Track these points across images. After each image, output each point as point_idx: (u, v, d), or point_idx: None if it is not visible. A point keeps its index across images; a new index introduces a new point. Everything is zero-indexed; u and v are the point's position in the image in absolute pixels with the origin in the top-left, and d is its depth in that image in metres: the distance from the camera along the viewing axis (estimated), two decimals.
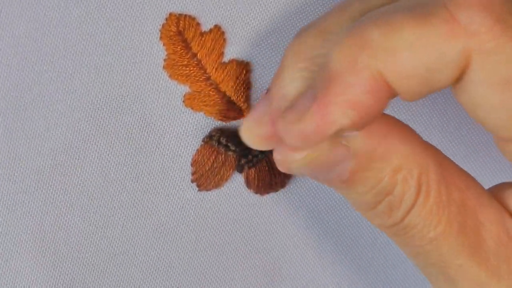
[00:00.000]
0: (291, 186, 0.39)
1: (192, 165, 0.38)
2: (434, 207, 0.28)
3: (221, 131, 0.37)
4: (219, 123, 0.37)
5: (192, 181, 0.38)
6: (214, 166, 0.37)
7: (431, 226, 0.28)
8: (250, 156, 0.37)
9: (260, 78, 0.37)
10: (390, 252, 0.40)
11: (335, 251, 0.39)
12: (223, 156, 0.37)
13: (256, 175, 0.38)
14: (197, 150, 0.37)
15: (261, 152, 0.38)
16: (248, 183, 0.38)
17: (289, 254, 0.39)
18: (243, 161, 0.38)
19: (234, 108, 0.37)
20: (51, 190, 0.37)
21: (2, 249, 0.38)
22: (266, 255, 0.39)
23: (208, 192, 0.38)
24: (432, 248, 0.29)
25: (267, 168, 0.38)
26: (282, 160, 0.29)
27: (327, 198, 0.39)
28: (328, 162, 0.28)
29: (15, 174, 0.37)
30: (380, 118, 0.28)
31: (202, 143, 0.37)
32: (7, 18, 0.35)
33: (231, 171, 0.38)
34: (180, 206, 0.38)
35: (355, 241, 0.39)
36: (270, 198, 0.39)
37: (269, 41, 0.37)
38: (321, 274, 0.40)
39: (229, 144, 0.37)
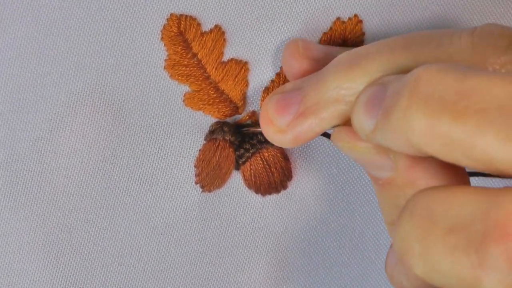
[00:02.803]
0: (293, 188, 0.39)
1: (196, 166, 0.38)
2: None
3: (221, 123, 0.38)
4: (216, 120, 0.38)
5: (196, 183, 0.38)
6: (219, 162, 0.38)
7: None
8: (241, 150, 0.38)
9: (256, 77, 0.38)
10: None
11: (338, 252, 0.40)
12: (225, 150, 0.38)
13: (251, 171, 0.39)
14: (200, 150, 0.38)
15: (252, 146, 0.38)
16: (246, 181, 0.39)
17: (293, 255, 0.40)
18: (236, 155, 0.38)
19: (231, 106, 0.38)
20: (54, 192, 0.37)
21: (5, 251, 0.37)
22: (270, 256, 0.40)
23: (211, 193, 0.39)
24: None
25: (262, 164, 0.39)
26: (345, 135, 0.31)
27: (330, 200, 0.40)
28: (373, 160, 0.30)
29: (18, 176, 0.37)
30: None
31: (205, 142, 0.38)
32: (9, 20, 0.35)
33: (232, 166, 0.38)
34: (184, 207, 0.38)
35: (358, 243, 0.40)
36: (273, 200, 0.39)
37: (266, 40, 0.37)
38: (324, 275, 0.40)
39: (231, 129, 0.38)
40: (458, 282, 0.24)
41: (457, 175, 0.30)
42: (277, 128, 0.33)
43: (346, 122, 0.32)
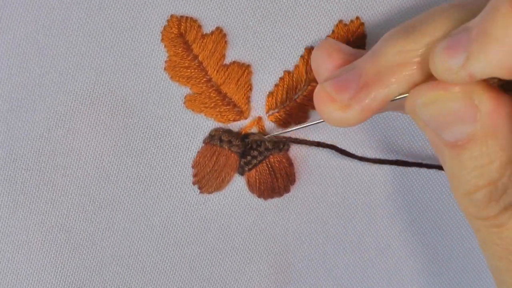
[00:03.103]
0: (295, 191, 0.39)
1: (193, 167, 0.37)
2: None
3: (221, 130, 0.37)
4: (218, 125, 0.38)
5: (194, 183, 0.38)
6: (215, 168, 0.37)
7: None
8: (248, 157, 0.37)
9: (260, 81, 0.37)
10: (393, 255, 0.40)
11: (338, 255, 0.39)
12: (224, 157, 0.37)
13: (257, 178, 0.38)
14: (198, 152, 0.37)
15: (260, 153, 0.38)
16: (250, 186, 0.38)
17: (293, 257, 0.39)
18: (242, 162, 0.37)
19: (234, 110, 0.37)
20: (52, 192, 0.37)
21: (4, 250, 0.37)
22: (270, 258, 0.39)
23: (211, 195, 0.38)
24: None
25: (267, 171, 0.38)
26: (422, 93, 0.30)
27: (331, 204, 0.39)
28: (454, 113, 0.29)
29: (16, 175, 0.36)
30: None
31: (203, 144, 0.37)
32: (9, 20, 0.35)
33: (232, 172, 0.38)
34: (182, 208, 0.38)
35: (358, 245, 0.39)
36: (274, 202, 0.38)
37: (269, 44, 0.37)
38: (324, 277, 0.39)
39: (231, 139, 0.37)
40: None
41: None
42: (340, 105, 0.32)
43: (410, 90, 0.31)
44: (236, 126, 0.38)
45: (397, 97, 0.31)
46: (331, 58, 0.34)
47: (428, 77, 0.30)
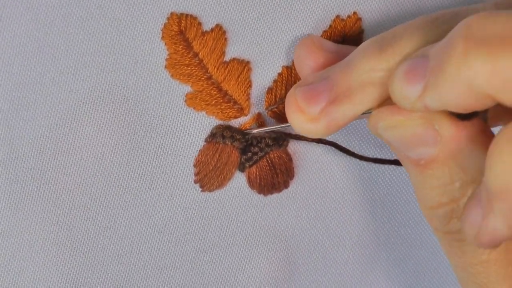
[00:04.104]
0: (295, 187, 0.39)
1: (195, 165, 0.37)
2: None
3: (223, 126, 0.37)
4: (220, 122, 0.38)
5: (195, 182, 0.38)
6: (218, 165, 0.37)
7: (487, 249, 0.29)
8: (249, 154, 0.38)
9: (259, 77, 0.37)
10: (393, 250, 0.40)
11: (338, 250, 0.40)
12: (226, 154, 0.37)
13: (257, 174, 0.38)
14: (200, 150, 0.37)
15: (261, 149, 0.38)
16: (250, 182, 0.38)
17: (293, 253, 0.39)
18: (243, 158, 0.38)
19: (235, 107, 0.37)
20: (54, 191, 0.36)
21: (6, 250, 0.37)
22: (270, 254, 0.39)
23: (212, 192, 0.38)
24: (482, 270, 0.29)
25: (268, 167, 0.38)
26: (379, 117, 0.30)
27: (331, 199, 0.39)
28: (415, 137, 0.30)
29: (18, 174, 0.36)
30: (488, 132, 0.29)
31: (205, 143, 0.37)
32: (9, 18, 0.35)
33: (233, 169, 0.38)
34: (184, 206, 0.38)
35: (358, 241, 0.40)
36: (274, 198, 0.39)
37: (267, 40, 0.37)
38: (324, 273, 0.40)
39: (233, 134, 0.37)
40: None
41: None
42: (309, 117, 0.32)
43: (380, 106, 0.31)
44: (236, 123, 0.38)
45: (366, 113, 0.32)
46: (312, 56, 0.35)
47: None
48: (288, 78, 0.38)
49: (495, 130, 0.35)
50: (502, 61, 0.24)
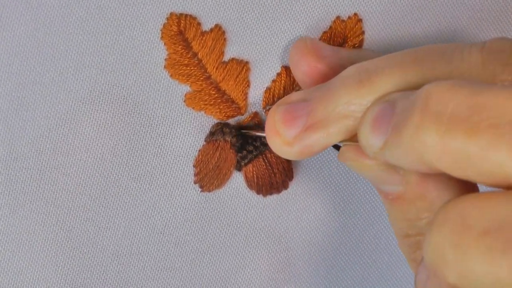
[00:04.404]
0: (294, 188, 0.39)
1: (195, 166, 0.38)
2: None
3: (221, 124, 0.37)
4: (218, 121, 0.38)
5: (195, 182, 0.38)
6: (217, 164, 0.38)
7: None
8: (244, 152, 0.38)
9: (258, 76, 0.38)
10: (393, 253, 0.41)
11: (338, 253, 0.40)
12: (225, 152, 0.38)
13: (254, 172, 0.38)
14: (200, 150, 0.38)
15: (256, 148, 0.38)
16: (248, 182, 0.38)
17: (293, 255, 0.39)
18: (238, 156, 0.38)
19: (233, 106, 0.38)
20: (53, 191, 0.37)
21: (4, 250, 0.37)
22: (270, 256, 0.39)
23: (211, 193, 0.38)
24: None
25: (264, 166, 0.38)
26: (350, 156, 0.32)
27: (330, 200, 0.39)
28: (380, 178, 0.31)
29: (17, 174, 0.36)
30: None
31: (204, 143, 0.38)
32: (9, 18, 0.35)
33: (232, 169, 0.38)
34: (183, 207, 0.38)
35: (358, 243, 0.40)
36: (274, 199, 0.39)
37: (267, 40, 0.37)
38: (324, 275, 0.40)
39: (232, 130, 0.37)
40: (495, 285, 0.23)
41: (468, 187, 0.30)
42: (284, 140, 0.33)
43: (354, 137, 0.32)
44: (233, 122, 0.38)
45: (341, 142, 0.32)
46: (305, 60, 0.35)
47: None
48: (287, 78, 0.38)
49: None
50: (454, 142, 0.24)
